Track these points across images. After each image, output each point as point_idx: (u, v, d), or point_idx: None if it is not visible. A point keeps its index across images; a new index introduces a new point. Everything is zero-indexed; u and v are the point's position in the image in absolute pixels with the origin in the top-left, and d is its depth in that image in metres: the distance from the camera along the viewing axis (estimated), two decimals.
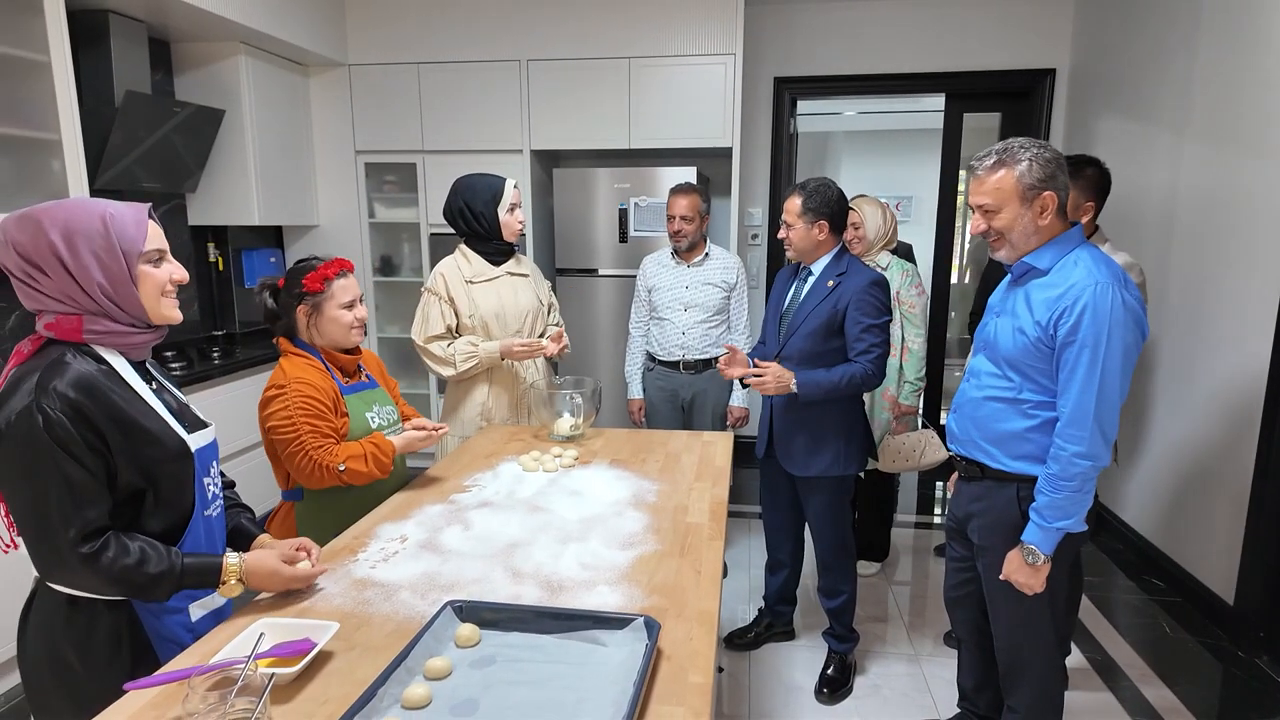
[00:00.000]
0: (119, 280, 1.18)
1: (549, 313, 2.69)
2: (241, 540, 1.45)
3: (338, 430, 1.77)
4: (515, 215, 2.49)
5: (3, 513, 1.19)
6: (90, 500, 1.14)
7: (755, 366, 2.22)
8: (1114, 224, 3.55)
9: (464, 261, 2.50)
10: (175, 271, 1.25)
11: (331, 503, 1.81)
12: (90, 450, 1.14)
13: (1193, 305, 3.04)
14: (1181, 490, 3.09)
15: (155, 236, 1.22)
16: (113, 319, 1.20)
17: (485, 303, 2.48)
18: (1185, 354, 3.08)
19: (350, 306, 1.81)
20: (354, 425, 1.81)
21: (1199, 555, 2.98)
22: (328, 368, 1.81)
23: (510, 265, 2.55)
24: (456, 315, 2.47)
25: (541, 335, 2.61)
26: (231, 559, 1.28)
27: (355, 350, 1.91)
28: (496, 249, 2.51)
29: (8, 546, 1.20)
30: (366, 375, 1.94)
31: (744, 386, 2.42)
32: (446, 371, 2.45)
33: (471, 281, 2.48)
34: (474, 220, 2.45)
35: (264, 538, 1.45)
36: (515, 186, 2.49)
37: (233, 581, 1.28)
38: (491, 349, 2.44)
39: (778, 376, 2.18)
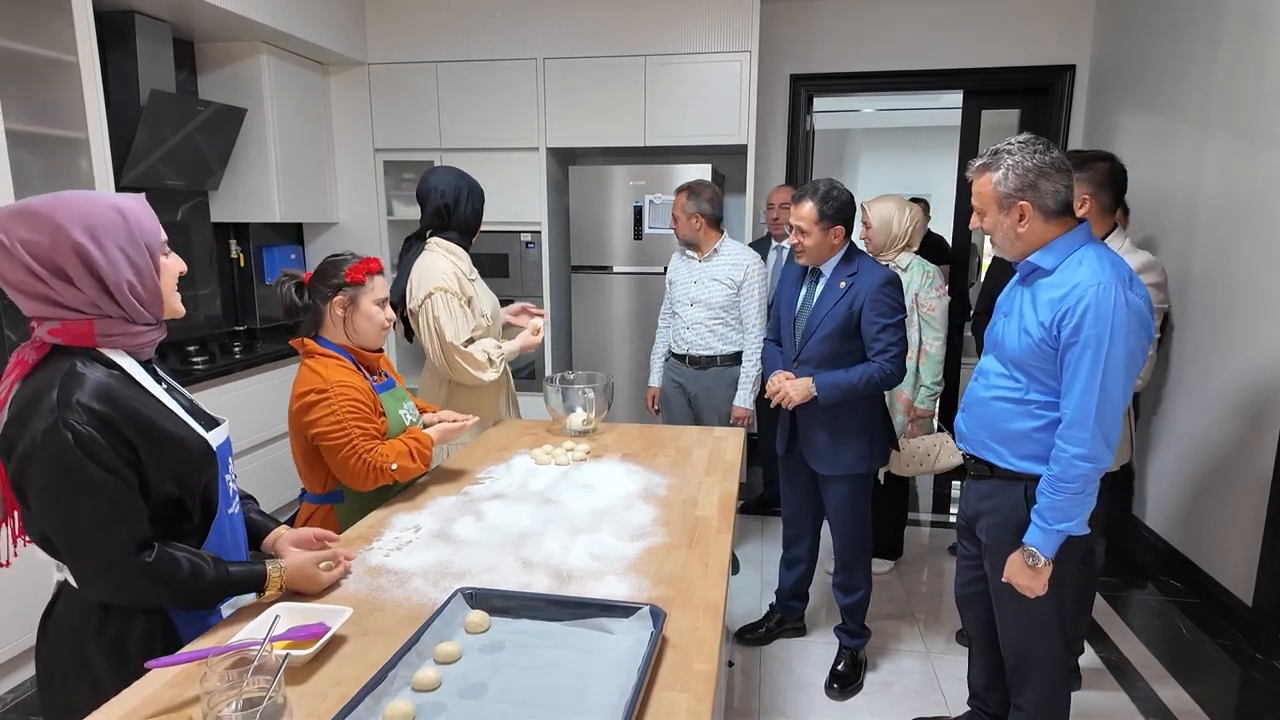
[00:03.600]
0: (147, 275, 1.13)
1: None
2: (256, 534, 1.40)
3: (380, 431, 1.75)
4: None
5: (15, 528, 1.14)
6: (133, 511, 1.11)
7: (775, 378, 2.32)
8: (1135, 220, 3.52)
9: (455, 259, 2.34)
10: (180, 263, 1.21)
11: (374, 502, 1.78)
12: (124, 462, 1.09)
13: (1213, 302, 3.00)
14: (1200, 490, 3.06)
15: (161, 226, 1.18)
16: (130, 319, 1.13)
17: (485, 301, 2.41)
18: (1205, 351, 3.05)
19: (382, 305, 1.79)
20: (391, 424, 1.80)
21: (1217, 556, 2.94)
22: (358, 368, 1.77)
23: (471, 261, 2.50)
24: (472, 315, 2.36)
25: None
26: (273, 569, 1.27)
27: (378, 349, 1.89)
28: (467, 247, 2.42)
29: (7, 561, 1.14)
30: (384, 373, 1.92)
31: (769, 403, 2.38)
32: (487, 376, 2.29)
33: (472, 279, 2.39)
34: (471, 218, 2.38)
35: (281, 529, 1.42)
36: None
37: (275, 591, 1.27)
38: (513, 348, 2.40)
39: (797, 389, 2.26)
